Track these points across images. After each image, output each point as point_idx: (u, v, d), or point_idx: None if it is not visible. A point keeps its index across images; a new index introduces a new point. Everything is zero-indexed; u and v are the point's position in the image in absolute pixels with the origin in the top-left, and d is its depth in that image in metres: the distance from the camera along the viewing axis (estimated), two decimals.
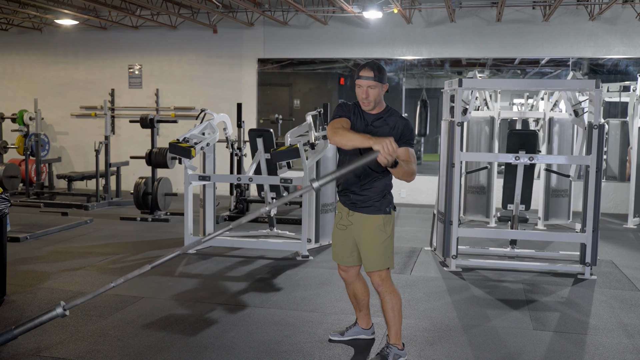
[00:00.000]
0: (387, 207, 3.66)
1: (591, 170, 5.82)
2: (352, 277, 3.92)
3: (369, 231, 3.65)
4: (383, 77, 3.53)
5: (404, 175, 3.36)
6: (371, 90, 3.51)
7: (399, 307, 3.69)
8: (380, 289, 3.68)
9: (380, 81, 3.51)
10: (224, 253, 6.73)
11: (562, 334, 4.35)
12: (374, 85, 3.50)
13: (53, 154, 12.49)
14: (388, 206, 3.67)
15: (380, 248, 3.64)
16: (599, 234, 6.02)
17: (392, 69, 11.15)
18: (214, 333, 4.23)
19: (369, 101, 3.53)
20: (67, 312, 3.53)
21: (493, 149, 8.46)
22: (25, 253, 6.57)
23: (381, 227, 3.64)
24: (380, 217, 3.64)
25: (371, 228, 3.65)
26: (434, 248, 6.86)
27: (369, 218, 3.65)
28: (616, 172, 10.58)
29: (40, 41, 12.68)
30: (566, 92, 6.92)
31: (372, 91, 3.51)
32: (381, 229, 3.64)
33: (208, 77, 11.92)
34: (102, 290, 3.61)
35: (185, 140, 6.64)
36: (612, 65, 10.35)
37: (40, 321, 3.51)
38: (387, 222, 3.66)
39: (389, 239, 3.68)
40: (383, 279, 3.67)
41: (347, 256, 3.81)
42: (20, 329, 3.49)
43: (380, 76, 3.50)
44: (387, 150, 3.15)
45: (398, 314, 3.69)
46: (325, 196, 7.14)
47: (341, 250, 3.83)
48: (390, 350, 3.70)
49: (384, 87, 3.56)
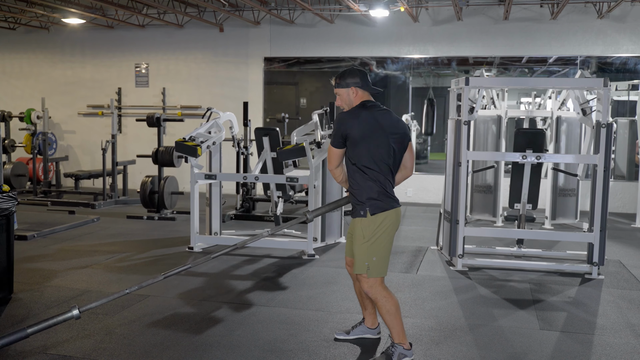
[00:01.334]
0: (362, 210, 3.62)
1: (599, 169, 5.79)
2: None
3: (355, 233, 3.70)
4: (344, 81, 3.72)
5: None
6: (339, 97, 3.78)
7: (394, 311, 3.66)
8: (369, 295, 3.70)
9: (341, 86, 3.73)
10: (230, 252, 6.72)
11: (569, 333, 4.33)
12: (339, 92, 3.76)
13: (60, 152, 12.53)
14: (364, 209, 3.61)
15: (360, 250, 3.65)
16: (607, 233, 6.00)
17: (399, 67, 11.13)
18: (219, 331, 4.23)
19: (342, 106, 3.80)
20: (81, 315, 3.59)
21: (500, 148, 8.42)
22: (33, 251, 6.59)
23: (360, 230, 3.65)
24: (363, 221, 3.64)
25: (357, 230, 3.69)
26: (441, 247, 6.85)
27: (354, 221, 3.73)
28: (624, 172, 10.53)
29: (47, 40, 12.72)
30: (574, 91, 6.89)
31: (340, 97, 3.77)
32: (360, 232, 3.65)
33: (214, 75, 11.93)
34: (117, 295, 3.69)
35: (192, 139, 6.65)
36: (621, 64, 10.29)
37: (55, 322, 3.54)
38: (365, 227, 3.62)
39: (368, 244, 3.62)
40: (371, 285, 3.66)
41: (350, 248, 3.88)
42: (33, 328, 3.51)
43: (340, 82, 3.73)
44: None
45: (394, 317, 3.67)
46: (331, 195, 7.13)
47: (349, 240, 3.89)
48: (395, 350, 3.69)
49: (351, 90, 3.72)
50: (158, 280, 3.64)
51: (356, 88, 3.70)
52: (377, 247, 3.62)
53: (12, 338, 3.50)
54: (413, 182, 11.06)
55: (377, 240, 3.62)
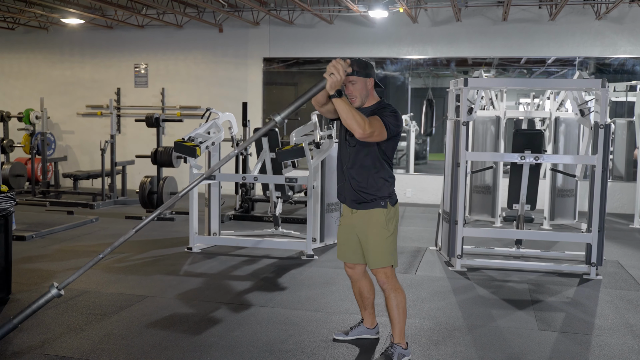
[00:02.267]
0: (384, 200, 3.63)
1: (597, 170, 5.79)
2: (359, 274, 3.91)
3: (371, 228, 3.65)
4: (364, 70, 3.53)
5: (350, 117, 3.33)
6: (353, 86, 3.55)
7: (403, 305, 3.69)
8: (385, 286, 3.69)
9: (360, 75, 3.53)
10: (229, 252, 6.73)
11: (567, 334, 4.33)
12: (355, 80, 3.53)
13: (59, 152, 12.53)
14: (386, 199, 3.64)
15: (383, 245, 3.64)
16: (605, 234, 6.00)
17: (398, 68, 11.14)
18: (218, 332, 4.23)
19: (354, 96, 3.58)
20: (62, 292, 3.49)
21: (499, 149, 8.43)
22: (31, 251, 6.59)
23: (383, 224, 3.63)
24: (381, 213, 3.63)
25: (373, 225, 3.64)
26: (439, 248, 6.85)
27: (369, 214, 3.65)
28: (622, 172, 10.54)
29: (46, 40, 12.72)
30: (572, 92, 6.89)
31: (355, 86, 3.55)
32: (383, 226, 3.63)
33: (213, 76, 11.93)
34: (92, 263, 3.56)
35: (191, 139, 6.65)
36: (619, 65, 10.31)
37: (38, 305, 3.49)
38: (389, 219, 3.65)
39: (391, 236, 3.67)
40: (388, 276, 3.67)
41: (352, 254, 3.81)
42: (19, 317, 3.49)
43: (360, 70, 3.52)
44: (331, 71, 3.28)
45: (402, 312, 3.69)
46: (330, 195, 7.13)
47: (345, 248, 3.83)
48: (395, 350, 3.70)
49: (369, 80, 3.57)
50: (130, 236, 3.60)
51: (372, 80, 3.61)
52: (395, 238, 3.71)
53: (1, 332, 3.49)
54: (412, 183, 11.07)
55: (395, 231, 3.69)
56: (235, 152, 3.60)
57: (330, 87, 3.31)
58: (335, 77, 3.29)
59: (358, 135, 3.36)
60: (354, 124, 3.34)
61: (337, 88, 3.32)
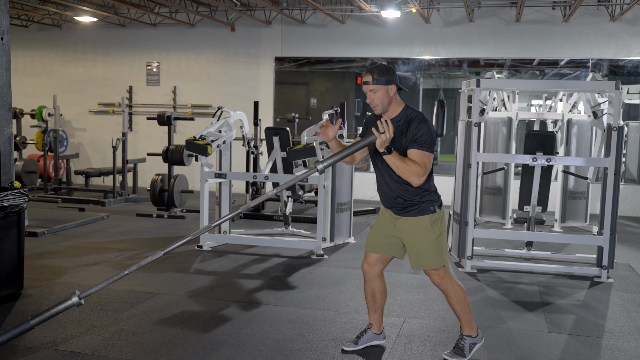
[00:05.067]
0: (430, 207, 3.64)
1: (609, 172, 5.76)
2: (375, 273, 3.86)
3: (417, 232, 3.65)
4: (383, 78, 3.48)
5: (403, 171, 3.40)
6: (374, 95, 3.51)
7: (463, 298, 3.73)
8: (441, 286, 3.73)
9: (380, 83, 3.48)
10: (239, 251, 6.75)
11: (577, 337, 4.31)
12: (375, 88, 3.50)
13: (71, 150, 12.59)
14: (432, 205, 3.64)
15: (432, 246, 3.65)
16: (617, 237, 5.97)
17: (410, 68, 11.12)
18: (228, 330, 4.24)
19: (375, 105, 3.55)
20: (83, 301, 3.51)
21: (510, 150, 8.40)
22: (43, 248, 6.64)
23: (429, 227, 3.63)
24: (426, 218, 3.63)
25: (419, 229, 3.64)
26: (449, 249, 6.83)
27: (414, 220, 3.65)
28: (635, 175, 10.48)
29: (59, 38, 12.79)
30: (585, 94, 6.87)
31: (376, 95, 3.51)
32: (429, 229, 3.63)
33: (225, 75, 11.95)
34: (116, 277, 3.60)
35: (202, 137, 6.67)
36: (633, 67, 10.24)
37: (57, 311, 3.52)
38: (434, 221, 3.64)
39: (440, 237, 3.67)
40: (442, 276, 3.70)
41: (380, 244, 3.79)
42: (36, 319, 3.52)
43: (379, 78, 3.48)
44: (382, 129, 3.31)
45: (464, 305, 3.74)
46: (341, 195, 7.13)
47: (377, 236, 3.81)
48: (465, 342, 3.79)
49: (391, 88, 3.51)
50: (158, 257, 3.60)
51: (394, 86, 3.54)
52: (445, 238, 3.73)
53: (17, 331, 3.51)
54: None
55: (443, 232, 3.70)
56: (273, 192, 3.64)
57: (380, 146, 3.35)
58: (386, 135, 3.33)
59: (417, 182, 3.45)
60: (411, 177, 3.42)
61: (387, 145, 3.36)
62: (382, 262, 3.84)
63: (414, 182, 3.43)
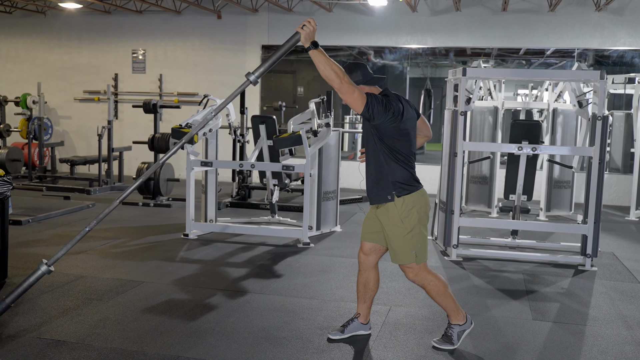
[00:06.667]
0: (387, 195, 3.60)
1: (594, 161, 5.80)
2: (370, 263, 3.85)
3: (390, 228, 3.64)
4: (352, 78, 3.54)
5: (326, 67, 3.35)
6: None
7: (443, 291, 3.73)
8: (417, 282, 3.74)
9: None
10: (225, 239, 6.74)
11: (561, 324, 4.35)
12: None
13: (56, 137, 12.50)
14: (389, 194, 3.59)
15: (403, 242, 3.63)
16: (601, 225, 6.02)
17: (397, 57, 11.11)
18: (213, 318, 4.24)
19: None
20: (52, 268, 3.54)
21: (496, 139, 8.44)
22: (27, 236, 6.59)
23: (399, 222, 3.60)
24: (394, 210, 3.59)
25: (391, 225, 3.63)
26: (435, 237, 6.87)
27: (384, 208, 3.64)
28: (619, 164, 10.56)
29: (44, 24, 12.65)
30: (571, 83, 6.89)
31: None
32: (399, 224, 3.60)
33: (212, 63, 11.89)
34: (79, 237, 3.65)
35: (188, 125, 6.64)
36: (618, 57, 10.30)
37: (29, 283, 3.51)
38: (405, 217, 3.59)
39: (411, 233, 3.61)
40: (416, 273, 3.70)
41: (371, 232, 3.81)
42: (11, 296, 3.51)
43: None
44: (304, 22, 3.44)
45: (445, 297, 3.74)
46: (327, 184, 7.14)
47: (368, 223, 3.83)
48: (453, 330, 3.80)
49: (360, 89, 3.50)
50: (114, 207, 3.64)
51: (361, 86, 3.58)
52: (420, 233, 3.65)
53: None
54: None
55: (418, 227, 3.63)
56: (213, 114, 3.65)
57: (305, 40, 3.37)
58: (308, 27, 3.31)
59: (336, 86, 3.35)
60: (332, 75, 3.33)
61: (312, 39, 3.31)
62: (375, 252, 3.84)
63: (334, 83, 3.34)
